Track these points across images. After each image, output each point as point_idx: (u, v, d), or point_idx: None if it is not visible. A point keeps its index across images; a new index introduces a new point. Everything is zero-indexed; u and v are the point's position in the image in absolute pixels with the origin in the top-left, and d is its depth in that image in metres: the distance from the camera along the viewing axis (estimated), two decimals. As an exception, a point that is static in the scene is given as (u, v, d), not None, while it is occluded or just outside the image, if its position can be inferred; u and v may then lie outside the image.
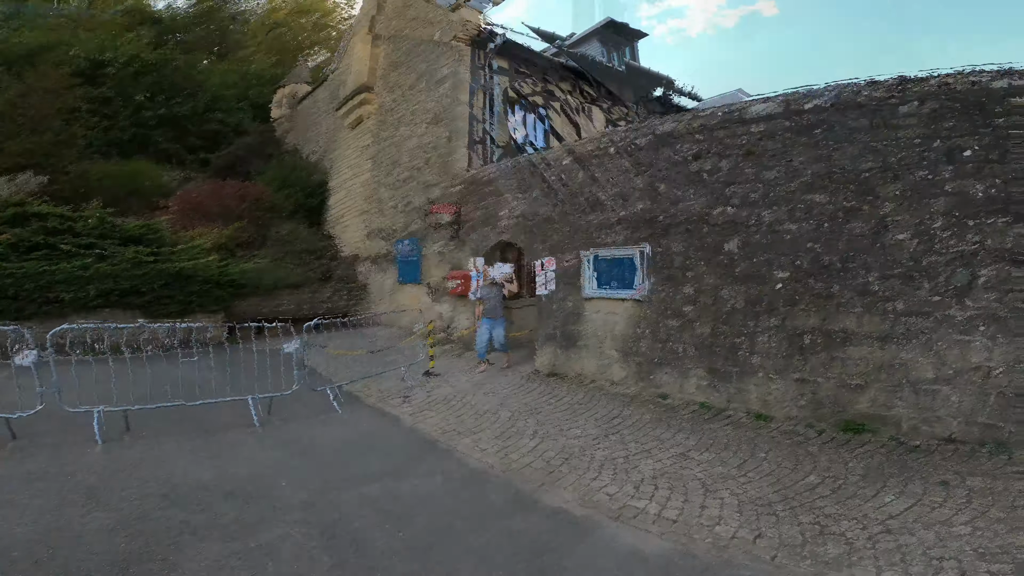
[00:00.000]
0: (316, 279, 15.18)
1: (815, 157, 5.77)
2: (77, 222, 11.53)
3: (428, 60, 13.30)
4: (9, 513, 3.71)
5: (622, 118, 16.11)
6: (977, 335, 4.91)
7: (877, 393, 5.35)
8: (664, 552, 3.39)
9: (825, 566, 3.15)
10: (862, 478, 4.35)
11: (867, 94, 5.53)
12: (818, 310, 5.69)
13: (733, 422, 5.93)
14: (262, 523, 3.69)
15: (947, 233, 5.08)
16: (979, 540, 3.31)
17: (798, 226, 5.86)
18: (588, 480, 4.51)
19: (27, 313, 10.19)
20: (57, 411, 5.56)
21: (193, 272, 11.82)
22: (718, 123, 6.54)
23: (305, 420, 6.22)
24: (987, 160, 4.94)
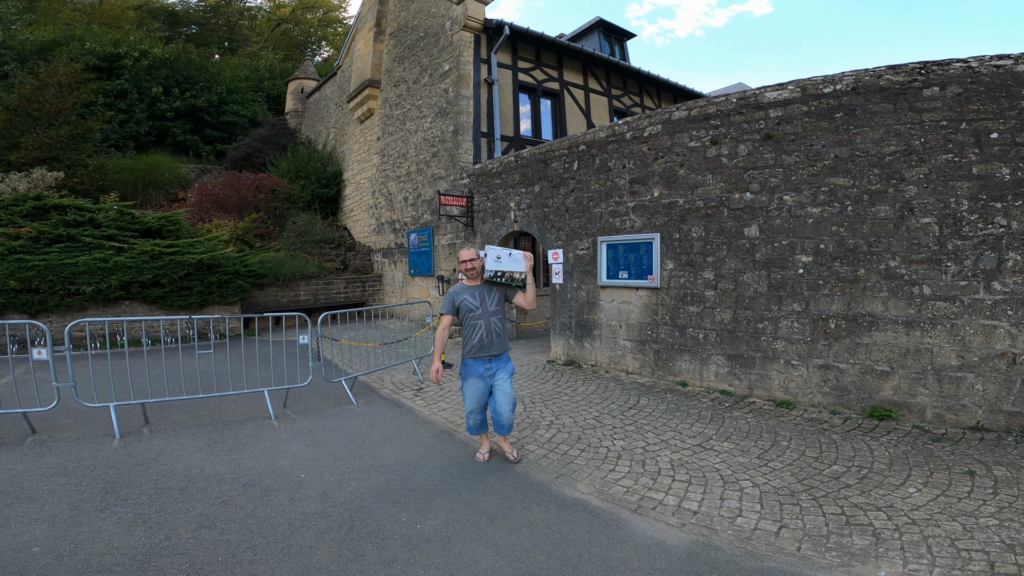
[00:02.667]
0: (332, 270, 15.24)
1: (836, 141, 5.66)
2: (97, 214, 11.62)
3: (431, 54, 13.21)
4: (29, 508, 3.73)
5: (633, 106, 15.94)
6: (1003, 319, 4.81)
7: (901, 380, 5.27)
8: (686, 544, 3.33)
9: (851, 557, 3.09)
10: (887, 467, 4.27)
11: (889, 78, 5.41)
12: (843, 294, 5.60)
13: (754, 410, 5.85)
14: (280, 516, 3.68)
15: (974, 216, 4.97)
16: (1007, 532, 3.23)
17: (821, 210, 5.76)
18: (605, 472, 4.47)
19: (49, 305, 10.33)
20: (75, 405, 5.61)
21: (213, 262, 11.88)
22: (734, 108, 6.43)
23: (321, 412, 6.23)
24: (1013, 143, 4.84)
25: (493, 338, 4.50)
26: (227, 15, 34.58)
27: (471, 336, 4.51)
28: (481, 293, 4.53)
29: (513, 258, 4.47)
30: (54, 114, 15.53)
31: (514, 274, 4.48)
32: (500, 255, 4.44)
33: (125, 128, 21.22)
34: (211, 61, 27.88)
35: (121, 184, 16.64)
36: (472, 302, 4.50)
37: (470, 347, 4.53)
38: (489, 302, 4.52)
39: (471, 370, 4.54)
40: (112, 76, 21.77)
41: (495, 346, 4.52)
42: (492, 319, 4.51)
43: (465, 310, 4.50)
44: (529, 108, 13.63)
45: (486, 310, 4.50)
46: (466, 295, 4.52)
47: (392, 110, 15.21)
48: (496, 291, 4.58)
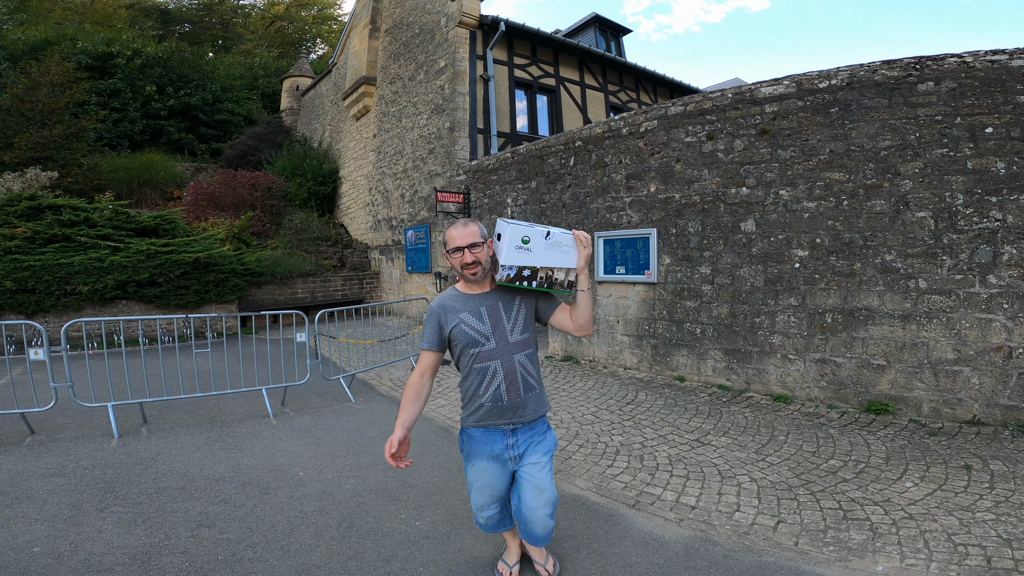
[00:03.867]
0: (329, 267, 15.24)
1: (832, 136, 5.68)
2: (92, 213, 11.58)
3: (427, 50, 13.19)
4: (29, 508, 3.73)
5: (629, 102, 15.94)
6: (999, 313, 4.84)
7: (897, 374, 5.29)
8: (684, 539, 3.35)
9: (849, 552, 3.11)
10: (884, 461, 4.29)
11: (884, 73, 5.43)
12: (839, 288, 5.63)
13: (752, 404, 5.88)
14: (279, 514, 3.69)
15: (969, 210, 4.99)
16: (1003, 526, 3.25)
17: (817, 204, 5.77)
18: (603, 467, 4.48)
19: (46, 306, 10.31)
20: (73, 405, 5.60)
21: (210, 261, 11.87)
22: (729, 103, 6.44)
23: (319, 410, 6.23)
24: (1009, 137, 4.86)
25: (520, 392, 2.54)
26: (221, 13, 34.43)
27: (477, 389, 2.55)
28: (493, 309, 2.54)
29: (553, 243, 2.45)
30: (47, 113, 15.48)
31: (554, 273, 2.48)
32: (527, 236, 2.41)
33: (119, 127, 21.14)
34: (205, 59, 27.80)
35: (116, 183, 16.59)
36: (476, 327, 2.51)
37: (476, 409, 2.58)
38: (509, 324, 2.54)
39: (478, 447, 2.63)
40: (105, 75, 21.67)
41: (525, 407, 2.57)
42: (518, 358, 2.54)
43: (463, 342, 2.52)
44: (525, 104, 13.62)
45: (504, 341, 2.53)
46: (464, 314, 2.53)
47: (388, 107, 15.18)
48: (520, 303, 2.58)
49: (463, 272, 2.50)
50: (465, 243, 2.45)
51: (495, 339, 2.52)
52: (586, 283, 2.55)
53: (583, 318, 2.57)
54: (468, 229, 2.47)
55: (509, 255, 2.39)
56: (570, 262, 2.47)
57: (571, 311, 2.60)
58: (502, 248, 2.40)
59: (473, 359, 2.53)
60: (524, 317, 2.58)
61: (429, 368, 2.58)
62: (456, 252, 2.49)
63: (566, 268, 2.48)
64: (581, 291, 2.55)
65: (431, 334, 2.55)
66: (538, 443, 2.67)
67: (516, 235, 2.38)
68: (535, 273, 2.45)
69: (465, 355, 2.55)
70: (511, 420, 2.57)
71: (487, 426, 2.59)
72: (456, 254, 2.49)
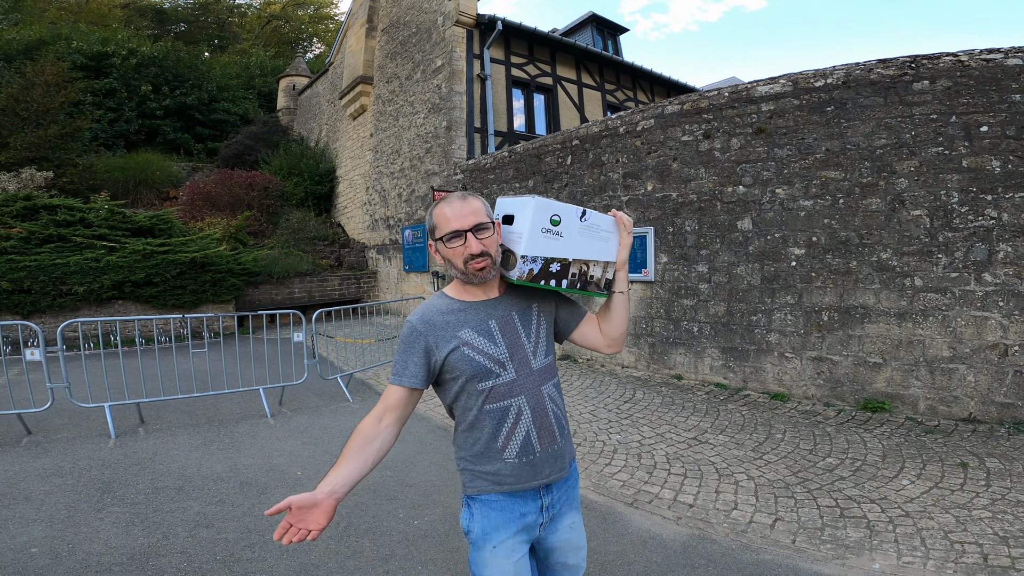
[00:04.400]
0: (327, 267, 15.22)
1: (828, 134, 5.69)
2: (88, 213, 11.55)
3: (424, 50, 13.18)
4: (26, 509, 3.73)
5: (626, 101, 15.95)
6: (995, 311, 4.86)
7: (894, 372, 5.31)
8: (682, 537, 3.36)
9: (846, 550, 3.12)
10: (881, 459, 4.31)
11: (880, 72, 5.44)
12: (835, 286, 5.65)
13: (749, 402, 5.89)
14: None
15: (964, 208, 5.01)
16: (999, 524, 3.27)
17: (813, 202, 5.79)
18: (601, 466, 4.49)
19: (42, 306, 10.28)
20: (70, 405, 5.59)
21: (206, 261, 11.84)
22: (726, 102, 6.45)
23: (317, 409, 6.23)
24: (1004, 136, 4.88)
25: (557, 436, 1.77)
26: (216, 12, 34.35)
27: (493, 441, 1.71)
28: (506, 323, 1.75)
29: (589, 227, 1.79)
30: (42, 113, 15.42)
31: (590, 268, 1.81)
32: (558, 216, 1.73)
33: (115, 127, 21.08)
34: (201, 59, 27.74)
35: (111, 183, 16.54)
36: (487, 350, 1.70)
37: (495, 472, 1.72)
38: (530, 344, 1.77)
39: (502, 520, 1.73)
40: (100, 75, 21.60)
41: (563, 455, 1.80)
42: (546, 390, 1.77)
43: (468, 373, 1.69)
44: (523, 103, 13.62)
45: (526, 368, 1.74)
46: (466, 331, 1.71)
47: (385, 106, 15.17)
48: (538, 313, 1.82)
49: (467, 269, 1.64)
50: (467, 225, 1.61)
51: (514, 366, 1.68)
52: (626, 283, 1.86)
53: (618, 330, 1.86)
54: (468, 205, 1.64)
55: (533, 242, 1.66)
56: (609, 253, 1.82)
57: (600, 321, 1.89)
58: (521, 233, 1.67)
59: (484, 398, 1.66)
60: (546, 332, 1.80)
61: (395, 410, 1.65)
62: (454, 239, 1.61)
63: (604, 262, 1.81)
64: (619, 293, 1.84)
65: (412, 363, 1.65)
66: (573, 496, 1.87)
67: (543, 214, 1.67)
68: (566, 268, 1.73)
69: (470, 393, 1.67)
70: (549, 477, 1.72)
71: (513, 491, 1.70)
72: (454, 242, 1.62)
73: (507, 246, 1.73)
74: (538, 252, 1.68)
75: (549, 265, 1.71)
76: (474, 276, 1.67)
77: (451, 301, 1.77)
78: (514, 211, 1.74)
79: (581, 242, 1.76)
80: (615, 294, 1.86)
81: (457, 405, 1.74)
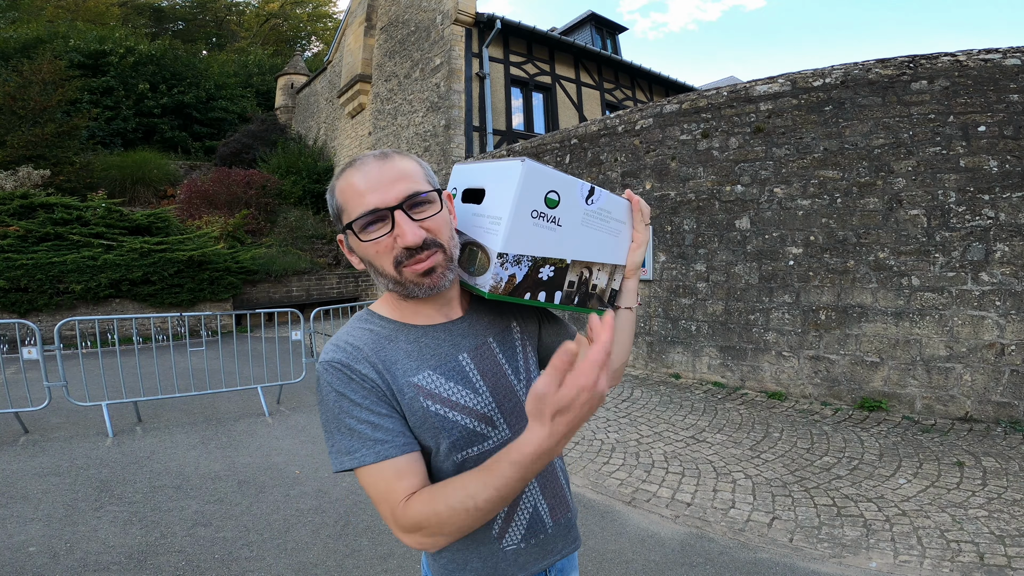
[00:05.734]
0: (325, 265, 15.21)
1: (826, 134, 5.70)
2: (85, 212, 11.53)
3: (423, 48, 13.17)
4: (24, 508, 3.72)
5: (625, 100, 15.95)
6: (991, 310, 4.87)
7: (891, 371, 5.32)
8: (680, 536, 3.37)
9: (843, 549, 3.13)
10: (878, 458, 4.32)
11: (878, 71, 5.45)
12: (833, 286, 5.66)
13: (747, 401, 5.90)
14: (275, 512, 3.69)
15: (961, 208, 5.02)
16: (995, 523, 3.28)
17: (811, 202, 5.80)
18: (600, 464, 4.49)
19: (39, 304, 10.25)
20: (67, 404, 5.58)
21: (204, 259, 11.83)
22: (724, 101, 6.45)
23: (315, 408, 6.22)
24: (1001, 136, 4.89)
25: (568, 502, 1.25)
26: (214, 11, 34.28)
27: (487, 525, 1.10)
28: (482, 355, 1.12)
29: (597, 212, 1.15)
30: (39, 112, 15.37)
31: (593, 274, 1.19)
32: (555, 192, 1.06)
33: (112, 125, 21.01)
34: (199, 57, 27.68)
35: (109, 181, 16.49)
36: (465, 401, 1.06)
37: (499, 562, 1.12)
38: (520, 384, 1.16)
39: None
40: (98, 73, 21.53)
41: (572, 523, 1.27)
42: None
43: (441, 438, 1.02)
44: (521, 102, 13.61)
45: (523, 420, 1.11)
46: (425, 374, 1.04)
47: (383, 105, 15.16)
48: (520, 335, 1.22)
49: (403, 276, 1.01)
50: (393, 198, 0.98)
51: (506, 420, 1.11)
52: (636, 295, 1.33)
53: (620, 359, 1.33)
54: (392, 166, 1.01)
55: (518, 232, 1.02)
56: (619, 253, 1.23)
57: None
58: (499, 216, 1.03)
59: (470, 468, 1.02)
60: (535, 363, 1.25)
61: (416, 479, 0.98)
62: (374, 226, 0.99)
63: (612, 265, 1.22)
64: (627, 309, 1.31)
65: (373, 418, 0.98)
66: (574, 560, 1.34)
67: (536, 188, 1.03)
68: (561, 274, 1.12)
69: (440, 465, 1.05)
70: (562, 552, 1.22)
71: None
72: (374, 230, 0.99)
73: (472, 237, 1.08)
74: (524, 249, 1.03)
75: (539, 269, 1.07)
76: (416, 286, 1.01)
77: (387, 325, 1.08)
78: (485, 181, 1.09)
79: (584, 235, 1.13)
80: (620, 311, 1.29)
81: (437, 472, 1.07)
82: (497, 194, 1.05)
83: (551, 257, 1.09)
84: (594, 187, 1.14)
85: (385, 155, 1.03)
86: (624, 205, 1.23)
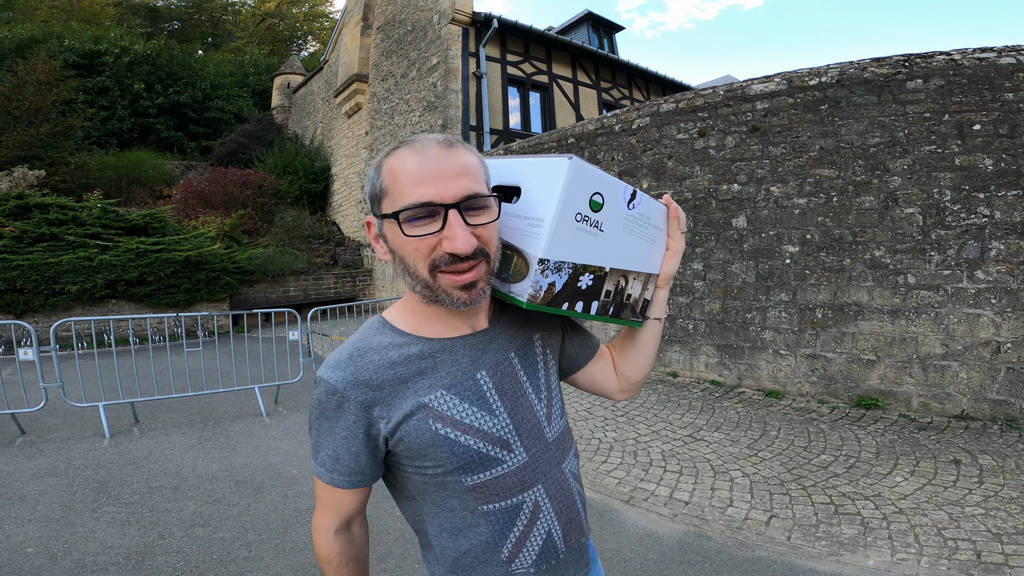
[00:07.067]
0: (322, 265, 15.20)
1: (822, 132, 5.71)
2: (81, 212, 11.50)
3: (419, 48, 13.16)
4: (21, 509, 3.71)
5: (622, 99, 15.97)
6: (987, 308, 4.89)
7: (887, 369, 5.34)
8: (678, 534, 3.38)
9: (840, 547, 3.14)
10: (875, 456, 4.33)
11: (873, 70, 5.47)
12: (829, 284, 5.67)
13: (744, 400, 5.92)
14: (274, 512, 3.69)
15: (957, 206, 5.04)
16: (992, 521, 3.29)
17: (807, 200, 5.82)
18: (598, 463, 4.50)
19: (35, 305, 10.24)
20: (64, 405, 5.57)
21: (200, 259, 11.81)
22: (721, 100, 6.46)
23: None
24: (996, 134, 4.90)
25: (584, 527, 1.15)
26: (210, 10, 34.21)
27: (491, 552, 1.03)
28: (503, 372, 1.04)
29: (636, 218, 1.08)
30: (34, 112, 15.33)
31: (629, 283, 1.11)
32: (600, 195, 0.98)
33: (107, 125, 20.97)
34: (194, 57, 27.59)
35: (104, 182, 16.46)
36: (480, 424, 0.99)
37: None
38: (540, 403, 1.09)
39: None
40: (93, 73, 21.48)
41: (585, 548, 1.18)
42: (566, 467, 1.12)
43: (446, 462, 0.97)
44: (518, 101, 13.61)
45: (539, 442, 1.06)
46: (438, 394, 0.97)
47: (380, 104, 15.14)
48: (543, 347, 1.14)
49: (438, 283, 0.92)
50: (452, 195, 0.88)
51: (523, 443, 1.04)
52: (665, 306, 1.21)
53: (643, 371, 1.27)
54: (456, 157, 0.91)
55: (561, 236, 0.94)
56: (653, 261, 1.16)
57: (616, 357, 1.29)
58: (541, 218, 0.94)
59: (479, 496, 1.01)
60: (556, 379, 1.17)
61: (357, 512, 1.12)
62: (423, 221, 0.89)
63: (647, 274, 1.15)
64: (655, 320, 1.20)
65: (346, 451, 0.99)
66: None
67: (582, 188, 0.95)
68: (600, 283, 1.05)
69: (448, 488, 1.01)
70: None
71: None
72: (422, 226, 0.89)
73: (510, 241, 0.99)
74: (566, 255, 0.96)
75: (578, 277, 0.99)
76: (450, 298, 0.91)
77: (400, 339, 1.00)
78: (523, 179, 1.00)
79: (624, 241, 1.06)
80: (650, 321, 1.20)
81: (423, 500, 1.03)
82: (537, 193, 0.96)
83: (591, 264, 1.01)
84: (636, 190, 1.08)
85: (450, 143, 0.92)
86: (662, 211, 1.17)
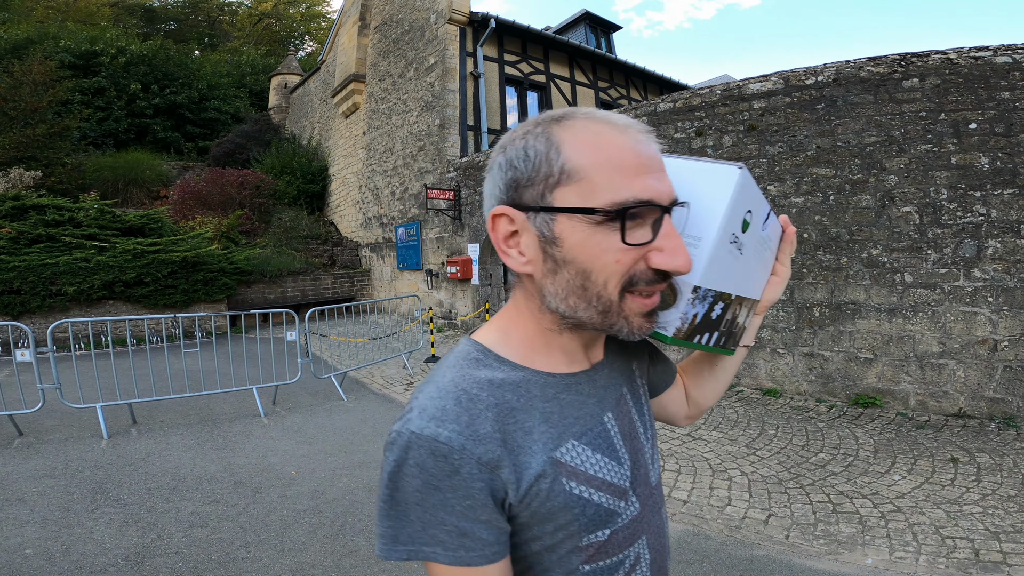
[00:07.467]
0: (320, 265, 15.19)
1: (819, 131, 5.72)
2: (77, 213, 11.47)
3: (417, 48, 13.15)
4: (19, 510, 3.71)
5: (620, 98, 15.97)
6: (984, 306, 4.90)
7: (884, 368, 5.35)
8: (676, 533, 3.38)
9: (838, 545, 3.15)
10: (873, 454, 4.34)
11: (870, 69, 5.48)
12: (826, 283, 5.69)
13: (742, 398, 5.93)
14: (272, 513, 3.68)
15: (953, 205, 5.05)
16: (990, 519, 3.30)
17: (804, 199, 5.83)
18: (597, 463, 4.50)
19: (31, 307, 10.22)
20: (61, 406, 5.56)
21: (198, 260, 11.79)
22: (718, 100, 6.47)
23: (311, 408, 6.21)
24: (992, 133, 4.92)
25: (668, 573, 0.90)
26: (207, 10, 34.13)
27: None
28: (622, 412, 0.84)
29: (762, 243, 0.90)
30: (30, 112, 15.29)
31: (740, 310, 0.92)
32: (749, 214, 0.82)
33: (104, 126, 20.92)
34: (191, 57, 27.57)
35: (101, 182, 16.42)
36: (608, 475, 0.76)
37: None
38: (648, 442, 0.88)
39: None
40: (89, 73, 21.42)
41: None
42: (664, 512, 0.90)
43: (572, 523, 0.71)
44: (516, 101, 13.60)
45: (647, 487, 0.84)
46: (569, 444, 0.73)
47: (378, 104, 15.12)
48: (640, 377, 0.95)
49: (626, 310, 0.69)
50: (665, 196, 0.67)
51: (634, 490, 0.81)
52: (755, 333, 1.04)
53: (714, 399, 1.15)
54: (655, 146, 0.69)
55: (718, 259, 0.80)
56: (761, 286, 0.99)
57: (688, 383, 1.15)
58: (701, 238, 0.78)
59: (586, 555, 0.74)
60: (651, 415, 0.96)
61: None
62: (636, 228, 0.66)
63: (753, 300, 0.97)
64: (744, 347, 1.05)
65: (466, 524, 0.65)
66: None
67: (742, 205, 0.80)
68: (725, 311, 0.89)
69: (560, 553, 0.73)
70: None
71: None
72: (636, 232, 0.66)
73: None
74: (716, 282, 0.83)
75: (713, 307, 0.86)
76: (630, 328, 0.71)
77: (514, 374, 0.75)
78: (676, 182, 0.74)
79: (751, 265, 0.91)
80: (739, 349, 1.03)
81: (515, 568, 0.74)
82: (695, 204, 0.78)
83: (725, 291, 0.85)
84: (771, 209, 0.92)
85: (647, 129, 0.71)
86: (780, 232, 0.99)
